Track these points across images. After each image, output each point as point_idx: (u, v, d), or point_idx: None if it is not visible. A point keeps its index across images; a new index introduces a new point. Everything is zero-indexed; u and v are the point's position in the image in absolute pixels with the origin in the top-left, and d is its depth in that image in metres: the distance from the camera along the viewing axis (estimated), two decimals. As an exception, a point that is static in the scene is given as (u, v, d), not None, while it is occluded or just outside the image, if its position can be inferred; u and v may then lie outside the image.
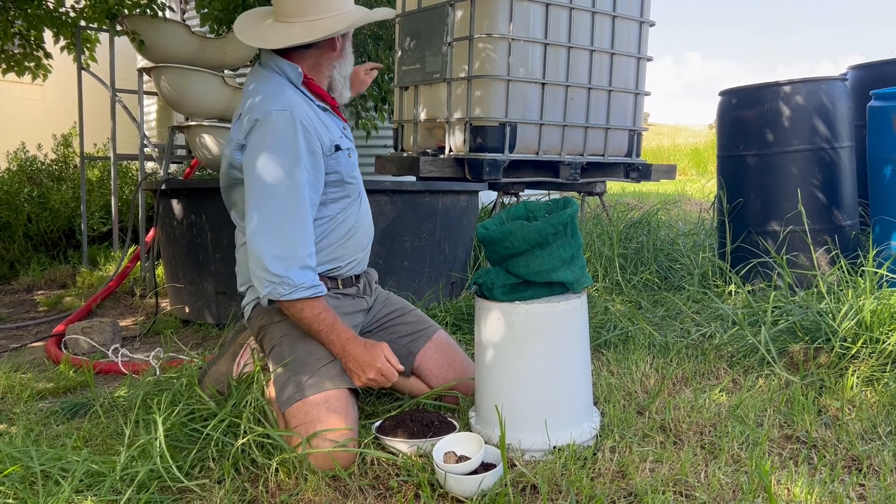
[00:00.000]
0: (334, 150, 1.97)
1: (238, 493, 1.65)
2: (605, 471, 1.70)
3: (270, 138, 1.85)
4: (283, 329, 1.96)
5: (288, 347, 1.92)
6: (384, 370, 1.85)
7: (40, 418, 2.19)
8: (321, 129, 1.94)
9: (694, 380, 2.38)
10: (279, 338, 1.96)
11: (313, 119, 1.93)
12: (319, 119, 1.97)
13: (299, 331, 1.94)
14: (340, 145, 1.99)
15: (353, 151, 2.08)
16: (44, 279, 4.79)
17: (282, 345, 1.94)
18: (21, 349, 3.22)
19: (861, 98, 3.61)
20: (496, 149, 4.17)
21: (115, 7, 4.48)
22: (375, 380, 1.85)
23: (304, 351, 1.90)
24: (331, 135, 1.98)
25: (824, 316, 2.48)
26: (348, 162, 2.02)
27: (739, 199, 3.56)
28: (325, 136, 1.94)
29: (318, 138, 1.91)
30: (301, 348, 1.91)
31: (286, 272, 1.81)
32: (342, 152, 2.00)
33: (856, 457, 1.80)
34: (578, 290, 1.89)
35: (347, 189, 2.03)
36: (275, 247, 1.82)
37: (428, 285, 3.45)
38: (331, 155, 1.96)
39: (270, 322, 1.99)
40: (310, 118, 1.92)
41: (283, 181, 1.84)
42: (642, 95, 4.94)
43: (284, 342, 1.94)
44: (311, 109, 1.96)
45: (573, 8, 4.39)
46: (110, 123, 4.89)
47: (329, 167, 1.95)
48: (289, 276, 1.81)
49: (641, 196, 9.36)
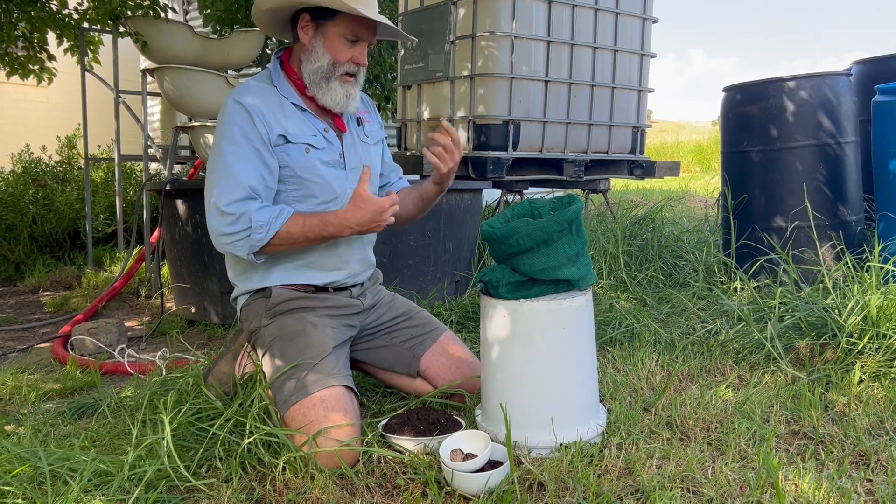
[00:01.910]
0: (284, 142, 1.93)
1: (246, 491, 1.66)
2: (612, 468, 1.70)
3: (220, 122, 1.95)
4: (272, 332, 1.96)
5: (279, 350, 1.93)
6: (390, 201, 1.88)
7: (48, 419, 2.20)
8: (272, 119, 1.92)
9: (700, 376, 2.38)
10: (269, 342, 1.96)
11: (265, 108, 1.92)
12: (280, 110, 1.95)
13: (288, 332, 1.94)
14: (290, 138, 1.93)
15: (325, 153, 1.98)
16: (49, 280, 4.80)
17: (272, 348, 1.95)
18: (28, 350, 3.23)
19: (865, 93, 3.60)
20: (499, 147, 4.17)
21: (118, 9, 4.49)
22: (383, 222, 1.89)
23: (295, 352, 1.90)
24: (285, 127, 1.93)
25: (830, 312, 2.47)
26: (304, 157, 1.94)
27: (744, 196, 3.55)
28: (274, 126, 1.92)
29: (265, 125, 1.90)
30: (291, 350, 1.91)
31: (248, 223, 1.85)
32: (294, 146, 1.94)
33: (863, 452, 1.79)
34: (584, 288, 1.88)
35: (310, 188, 1.96)
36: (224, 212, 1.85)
37: (433, 284, 3.45)
38: (279, 146, 1.92)
39: (259, 326, 2.00)
40: (259, 106, 1.91)
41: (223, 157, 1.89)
42: (645, 92, 4.93)
43: (275, 345, 1.94)
44: (274, 100, 1.95)
45: (576, 5, 4.38)
46: (114, 125, 4.90)
47: (281, 160, 1.93)
48: (253, 222, 1.85)
49: (645, 193, 9.34)
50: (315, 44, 1.96)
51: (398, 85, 4.84)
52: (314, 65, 1.96)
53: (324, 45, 1.95)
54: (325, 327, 1.98)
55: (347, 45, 1.96)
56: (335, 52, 1.95)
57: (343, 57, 1.96)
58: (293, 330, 1.95)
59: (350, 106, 2.01)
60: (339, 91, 1.98)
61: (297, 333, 1.94)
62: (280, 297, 1.99)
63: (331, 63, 1.95)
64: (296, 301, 1.99)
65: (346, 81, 1.98)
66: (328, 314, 2.02)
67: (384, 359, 2.15)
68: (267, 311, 1.99)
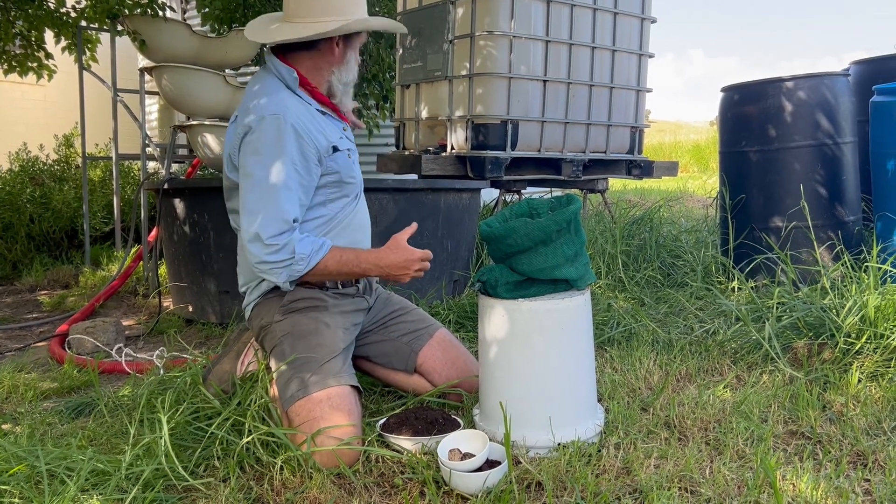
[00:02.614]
0: (332, 152, 1.98)
1: (243, 491, 1.66)
2: (610, 467, 1.70)
3: (262, 143, 1.88)
4: (284, 328, 1.96)
5: (289, 346, 1.93)
6: (422, 255, 1.97)
7: (45, 418, 2.19)
8: (316, 132, 1.94)
9: (698, 376, 2.38)
10: (280, 337, 1.96)
11: (307, 122, 1.94)
12: (315, 121, 1.97)
13: (300, 329, 1.94)
14: (339, 146, 2.00)
15: (354, 151, 2.09)
16: (46, 279, 4.79)
17: (283, 343, 1.94)
18: (25, 349, 3.23)
19: (864, 93, 3.61)
20: (498, 146, 4.16)
21: (115, 7, 4.48)
22: (422, 269, 1.98)
23: (306, 349, 1.90)
24: (328, 137, 1.98)
25: (828, 312, 2.48)
26: (347, 162, 2.03)
27: (742, 196, 3.55)
28: (321, 139, 1.95)
29: (314, 141, 1.92)
30: (302, 346, 1.91)
31: (290, 254, 1.86)
32: (341, 153, 2.01)
33: (861, 452, 1.79)
34: (582, 287, 1.88)
35: (346, 189, 2.05)
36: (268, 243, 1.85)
37: (431, 283, 3.45)
38: (329, 156, 1.97)
39: (271, 322, 1.99)
40: (303, 122, 1.92)
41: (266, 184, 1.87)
42: (644, 92, 4.93)
43: (286, 341, 1.94)
44: (306, 112, 1.97)
45: (574, 5, 4.38)
46: (112, 123, 4.89)
47: (328, 168, 1.97)
48: (296, 254, 1.86)
49: (643, 193, 9.35)
50: (349, 56, 2.06)
51: (396, 84, 4.84)
52: (348, 76, 2.08)
53: (354, 59, 2.07)
54: (336, 328, 1.98)
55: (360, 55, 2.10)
56: (357, 62, 2.08)
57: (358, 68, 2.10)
58: (306, 328, 1.95)
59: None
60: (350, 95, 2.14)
61: (309, 332, 1.94)
62: (295, 295, 1.99)
63: (356, 75, 2.10)
64: (310, 300, 2.00)
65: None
66: (340, 312, 2.03)
67: (382, 353, 2.16)
68: (281, 307, 1.99)
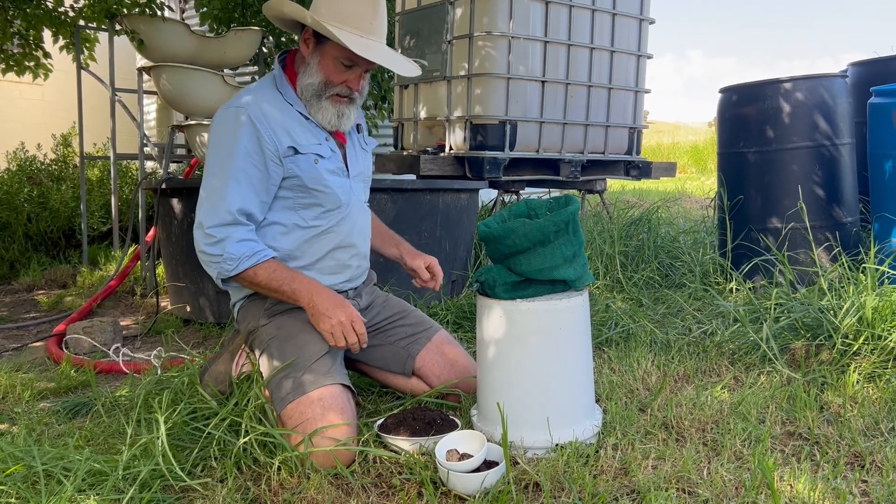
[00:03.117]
0: (293, 153, 1.92)
1: (241, 491, 1.65)
2: (608, 468, 1.70)
3: (219, 134, 1.91)
4: (270, 331, 1.96)
5: (277, 349, 1.92)
6: (353, 316, 1.87)
7: (42, 418, 2.19)
8: (280, 130, 1.91)
9: (696, 377, 2.38)
10: (267, 341, 1.96)
11: (275, 119, 1.91)
12: (287, 120, 1.94)
13: (286, 331, 1.94)
14: (300, 149, 1.93)
15: (331, 161, 1.99)
16: (44, 279, 4.79)
17: (270, 347, 1.94)
18: (22, 349, 3.22)
19: (861, 95, 3.61)
20: (496, 147, 4.17)
21: (114, 6, 4.47)
22: (344, 325, 1.85)
23: (294, 350, 1.90)
24: (294, 138, 1.93)
25: (826, 313, 2.48)
26: (313, 168, 1.94)
27: (740, 196, 3.56)
28: (283, 138, 1.91)
29: (273, 138, 1.89)
30: (290, 349, 1.90)
31: (222, 251, 1.86)
32: (304, 156, 1.93)
33: (858, 453, 1.80)
34: (580, 288, 1.88)
35: (319, 197, 1.97)
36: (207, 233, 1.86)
37: (429, 284, 3.45)
38: (289, 157, 1.92)
39: (257, 326, 1.99)
40: (269, 117, 1.90)
41: (217, 175, 1.88)
42: (642, 93, 4.93)
43: (273, 345, 1.94)
44: (279, 110, 1.94)
45: (573, 6, 4.38)
46: (110, 123, 4.88)
47: (289, 170, 1.93)
48: (227, 252, 1.85)
49: (641, 194, 9.35)
50: (312, 60, 1.95)
51: (395, 84, 4.84)
52: (307, 80, 1.96)
53: (319, 64, 1.94)
54: None
55: (343, 68, 1.93)
56: (328, 72, 1.93)
57: (336, 79, 1.94)
58: (291, 330, 1.94)
59: (343, 125, 2.00)
60: (329, 110, 1.96)
61: (294, 333, 1.93)
62: None
63: (322, 83, 1.94)
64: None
65: (338, 101, 1.97)
66: None
67: (380, 357, 2.15)
68: (265, 310, 1.99)
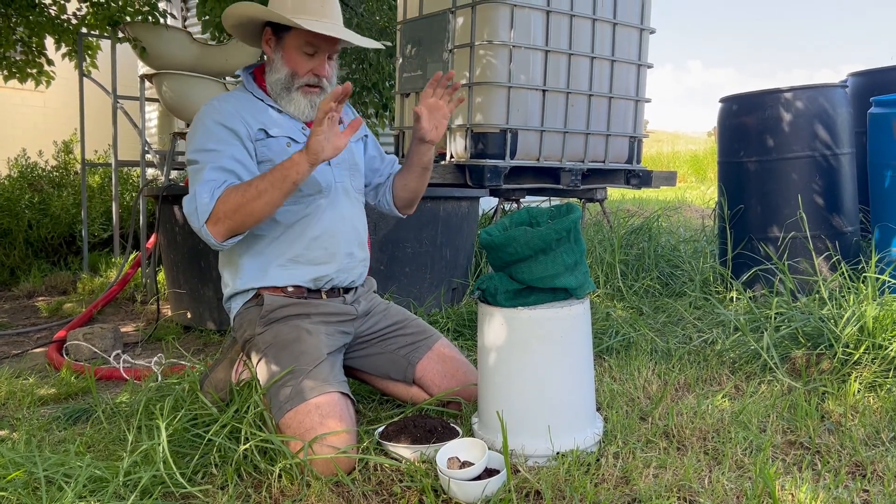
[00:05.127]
0: (264, 136, 1.97)
1: (241, 498, 1.65)
2: (609, 476, 1.70)
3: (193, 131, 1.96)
4: (266, 340, 1.96)
5: (273, 358, 1.92)
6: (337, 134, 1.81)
7: (42, 424, 2.19)
8: (249, 116, 1.96)
9: (696, 386, 2.38)
10: (264, 349, 1.95)
11: (243, 108, 1.96)
12: (255, 110, 1.99)
13: (282, 339, 1.93)
14: (271, 133, 1.97)
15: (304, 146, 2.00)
16: (44, 285, 4.79)
17: (267, 355, 1.94)
18: (22, 355, 3.22)
19: (861, 105, 3.63)
20: (497, 155, 4.17)
21: (116, 14, 4.50)
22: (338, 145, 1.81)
23: (290, 359, 1.89)
24: (264, 124, 1.97)
25: (826, 322, 2.48)
26: (286, 151, 1.95)
27: (740, 206, 3.56)
28: (251, 122, 1.95)
29: (242, 121, 1.93)
30: (286, 357, 1.90)
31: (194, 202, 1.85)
32: (275, 139, 1.97)
33: (859, 462, 1.79)
34: (581, 296, 1.89)
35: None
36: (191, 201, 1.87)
37: (429, 291, 3.45)
38: (259, 140, 1.96)
39: (254, 335, 1.99)
40: (235, 106, 1.96)
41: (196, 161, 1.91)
42: (643, 102, 4.95)
43: (270, 353, 1.94)
44: (246, 102, 2.00)
45: (574, 15, 4.40)
46: (111, 130, 4.89)
47: (261, 154, 1.96)
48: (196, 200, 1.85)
49: (641, 203, 9.36)
50: (276, 56, 2.01)
51: (396, 93, 4.85)
52: (274, 76, 2.01)
53: (283, 58, 2.00)
54: (319, 334, 1.97)
55: (306, 57, 1.99)
56: (294, 63, 1.98)
57: (301, 69, 1.99)
58: (288, 337, 1.94)
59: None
60: (301, 101, 2.01)
61: (291, 340, 1.93)
62: (273, 305, 1.98)
63: (289, 75, 1.99)
64: (289, 308, 1.99)
65: (309, 92, 2.01)
66: (322, 321, 2.01)
67: (380, 366, 2.15)
68: (261, 318, 1.99)
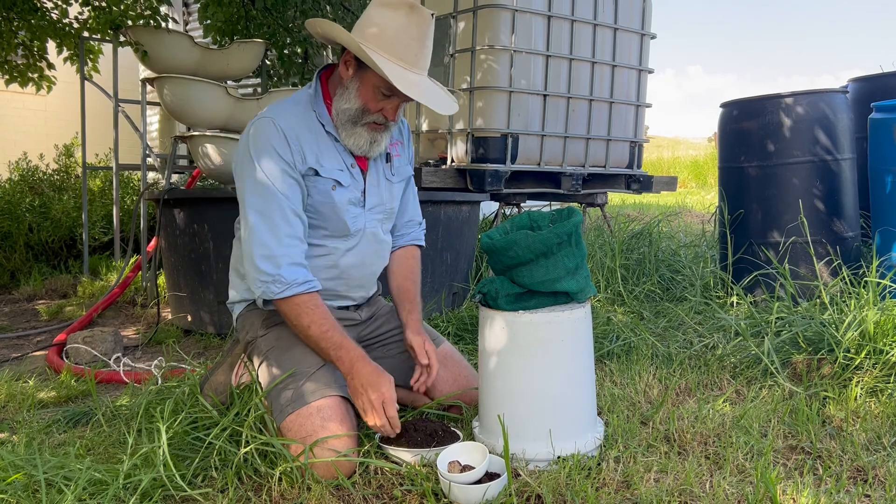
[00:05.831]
0: (313, 174, 1.90)
1: (241, 502, 1.65)
2: (610, 481, 1.69)
3: (251, 144, 1.86)
4: (268, 342, 1.96)
5: (275, 360, 1.92)
6: (385, 398, 1.78)
7: (42, 427, 2.18)
8: (307, 147, 1.89)
9: (697, 390, 2.37)
10: (266, 352, 1.95)
11: (301, 134, 1.89)
12: (313, 136, 1.91)
13: (285, 342, 1.93)
14: (320, 172, 1.90)
15: (349, 191, 1.96)
16: (45, 289, 4.79)
17: (269, 358, 1.94)
18: (22, 358, 3.22)
19: (862, 110, 3.63)
20: (498, 160, 4.18)
21: (118, 18, 4.50)
22: (374, 405, 1.77)
23: (292, 363, 1.89)
24: (318, 159, 1.91)
25: (827, 327, 2.48)
26: (329, 194, 1.92)
27: (741, 210, 3.56)
28: (308, 154, 1.89)
29: (300, 151, 1.87)
30: (288, 360, 1.90)
31: (277, 269, 1.82)
32: (322, 180, 1.91)
33: (861, 467, 1.79)
34: (582, 300, 1.89)
35: (324, 219, 1.94)
36: (263, 247, 1.82)
37: (430, 295, 3.45)
38: (308, 176, 1.90)
39: (256, 336, 1.99)
40: (296, 130, 1.87)
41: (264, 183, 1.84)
42: (643, 107, 4.96)
43: (271, 355, 1.93)
44: (306, 124, 1.91)
45: (575, 20, 4.41)
46: (112, 133, 4.90)
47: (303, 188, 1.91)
48: (280, 273, 1.82)
49: (642, 208, 9.37)
50: (351, 84, 1.89)
51: (397, 97, 4.86)
52: (344, 104, 1.90)
53: (358, 90, 1.88)
54: None
55: (382, 97, 1.87)
56: (367, 99, 1.88)
57: (374, 106, 1.88)
58: (289, 340, 1.94)
59: (373, 152, 1.96)
60: (364, 137, 1.92)
61: (293, 344, 1.93)
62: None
63: (360, 109, 1.89)
64: None
65: (373, 129, 1.92)
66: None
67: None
68: (263, 321, 1.99)
